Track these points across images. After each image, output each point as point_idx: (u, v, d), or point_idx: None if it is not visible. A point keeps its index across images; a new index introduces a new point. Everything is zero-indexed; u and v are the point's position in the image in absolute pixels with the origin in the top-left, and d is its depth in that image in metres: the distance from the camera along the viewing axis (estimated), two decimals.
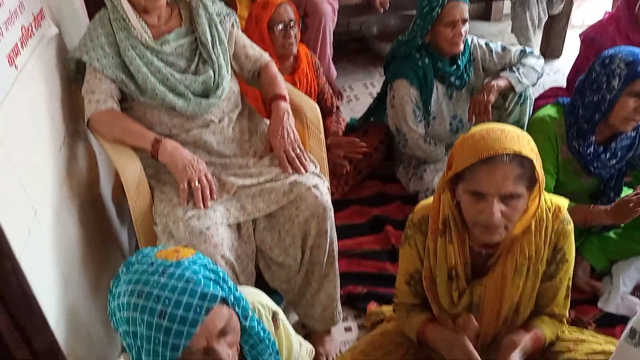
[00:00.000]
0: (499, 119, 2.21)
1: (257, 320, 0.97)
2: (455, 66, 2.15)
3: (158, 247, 0.93)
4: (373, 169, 2.45)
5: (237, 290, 0.93)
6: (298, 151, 1.58)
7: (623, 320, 1.66)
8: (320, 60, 2.89)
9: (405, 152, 2.29)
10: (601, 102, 1.66)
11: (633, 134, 1.77)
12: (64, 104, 1.60)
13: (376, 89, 3.26)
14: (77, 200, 1.54)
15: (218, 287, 0.87)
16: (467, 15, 2.06)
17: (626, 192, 1.91)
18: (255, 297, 1.08)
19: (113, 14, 1.52)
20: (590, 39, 2.50)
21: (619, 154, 1.78)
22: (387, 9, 3.06)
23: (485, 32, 3.91)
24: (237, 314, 0.92)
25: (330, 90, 2.50)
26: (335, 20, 2.95)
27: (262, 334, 0.98)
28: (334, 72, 3.12)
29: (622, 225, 1.89)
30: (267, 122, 1.69)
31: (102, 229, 1.77)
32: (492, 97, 2.08)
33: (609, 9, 3.38)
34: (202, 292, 0.84)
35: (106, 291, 0.92)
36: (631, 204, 1.59)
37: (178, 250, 0.90)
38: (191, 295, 0.83)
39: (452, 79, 2.16)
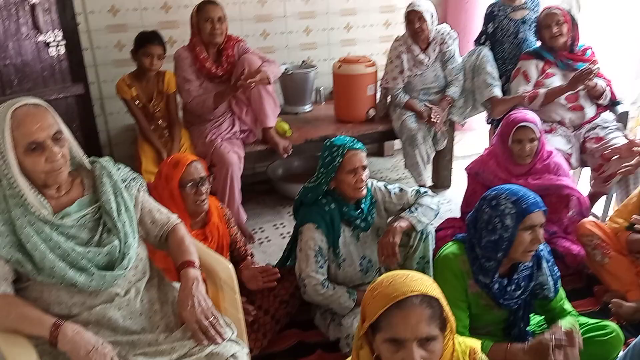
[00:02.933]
0: (406, 256, 2.30)
1: None
2: (359, 210, 2.26)
3: None
4: (291, 317, 2.39)
5: None
6: (212, 318, 1.51)
7: None
8: (230, 206, 2.93)
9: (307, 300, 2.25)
10: (499, 241, 1.79)
11: (530, 264, 1.90)
12: None
13: (286, 229, 3.31)
14: None
15: None
16: (366, 162, 2.21)
17: (533, 318, 2.01)
18: None
19: (9, 191, 1.45)
20: (475, 173, 2.77)
21: (522, 284, 1.89)
22: (290, 153, 3.22)
23: (380, 167, 4.21)
24: None
25: (243, 238, 2.49)
26: (242, 167, 3.04)
27: None
28: (243, 216, 3.15)
29: None
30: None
31: None
32: (397, 239, 2.19)
33: (486, 141, 3.82)
34: None
35: None
36: (549, 348, 1.66)
37: None
38: None
39: (358, 221, 2.25)
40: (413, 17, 3.28)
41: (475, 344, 1.33)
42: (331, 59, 3.91)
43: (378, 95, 3.63)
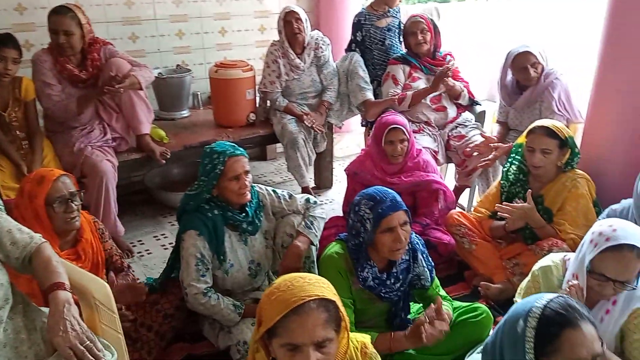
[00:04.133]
0: None
1: None
2: (244, 214, 2.23)
3: None
4: (177, 331, 2.29)
5: None
6: (87, 342, 1.39)
7: None
8: (105, 220, 2.75)
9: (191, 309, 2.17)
10: (363, 243, 1.91)
11: (407, 257, 2.02)
12: None
13: (168, 239, 3.18)
14: None
15: None
16: (248, 167, 2.19)
17: (412, 307, 2.14)
18: None
19: None
20: (354, 173, 2.89)
21: (401, 277, 1.99)
22: (167, 160, 3.10)
23: (264, 171, 4.22)
24: None
25: (119, 250, 2.35)
26: (117, 176, 2.86)
27: None
28: (120, 229, 2.96)
29: None
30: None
31: None
32: (301, 263, 2.28)
33: (362, 142, 4.00)
34: None
35: None
36: (423, 329, 1.77)
37: None
38: None
39: (245, 225, 2.23)
40: (291, 18, 3.33)
41: (366, 339, 1.38)
42: (207, 63, 3.85)
43: (258, 99, 3.63)
